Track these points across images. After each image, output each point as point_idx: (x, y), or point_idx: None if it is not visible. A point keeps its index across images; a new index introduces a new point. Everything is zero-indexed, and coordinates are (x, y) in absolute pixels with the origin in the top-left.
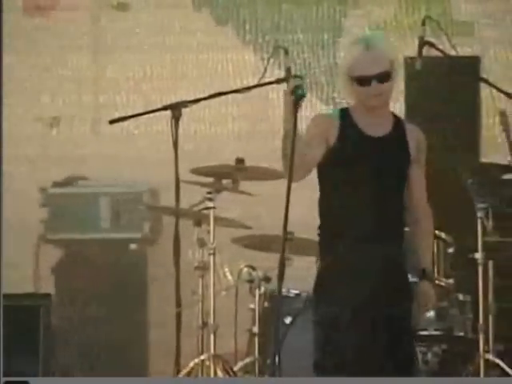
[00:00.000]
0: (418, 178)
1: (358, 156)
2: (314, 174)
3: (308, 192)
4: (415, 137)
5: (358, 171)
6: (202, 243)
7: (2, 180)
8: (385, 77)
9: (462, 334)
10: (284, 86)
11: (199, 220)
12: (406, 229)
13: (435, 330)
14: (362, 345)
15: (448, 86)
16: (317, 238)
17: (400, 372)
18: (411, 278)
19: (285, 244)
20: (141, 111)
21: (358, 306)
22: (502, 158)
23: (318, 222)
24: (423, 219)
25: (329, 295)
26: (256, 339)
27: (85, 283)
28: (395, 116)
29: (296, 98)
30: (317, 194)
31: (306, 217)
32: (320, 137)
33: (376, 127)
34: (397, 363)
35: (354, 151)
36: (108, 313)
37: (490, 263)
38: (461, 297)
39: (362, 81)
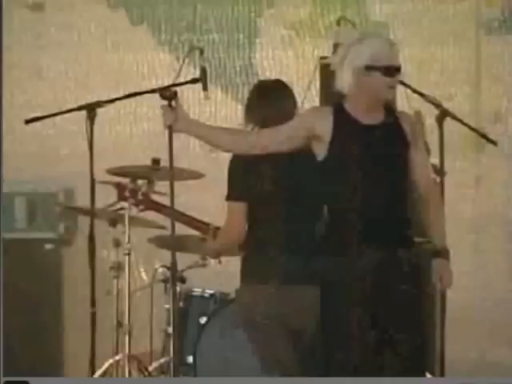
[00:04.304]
0: (418, 160)
1: (356, 145)
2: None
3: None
4: (408, 121)
5: (359, 160)
6: (117, 243)
7: (2, 180)
8: (399, 70)
9: None
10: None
11: (114, 220)
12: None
13: None
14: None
15: None
16: None
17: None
18: None
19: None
20: (56, 110)
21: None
22: None
23: None
24: (430, 199)
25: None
26: (171, 339)
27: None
28: (385, 104)
29: None
30: None
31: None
32: (301, 128)
33: (370, 116)
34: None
35: (352, 141)
36: (23, 313)
37: None
38: None
39: (390, 71)
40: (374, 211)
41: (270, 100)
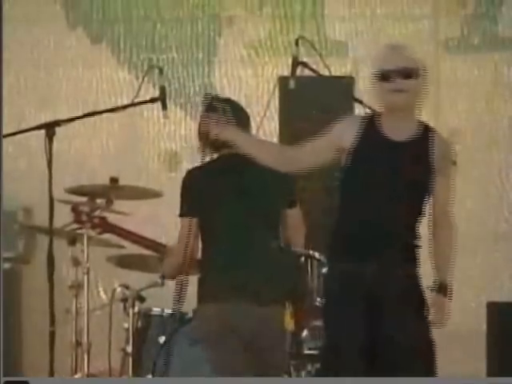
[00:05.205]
0: (440, 188)
1: (374, 158)
2: None
3: None
4: (440, 145)
5: (374, 173)
6: (75, 262)
7: (2, 182)
8: (407, 73)
9: None
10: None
11: (73, 239)
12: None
13: (309, 348)
14: None
15: (322, 105)
16: None
17: None
18: None
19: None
20: (14, 126)
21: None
22: None
23: None
24: (443, 231)
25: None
26: (130, 358)
27: None
28: (422, 122)
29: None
30: None
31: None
32: (329, 141)
33: (399, 131)
34: None
35: (371, 153)
36: None
37: None
38: None
39: (384, 75)
40: (377, 225)
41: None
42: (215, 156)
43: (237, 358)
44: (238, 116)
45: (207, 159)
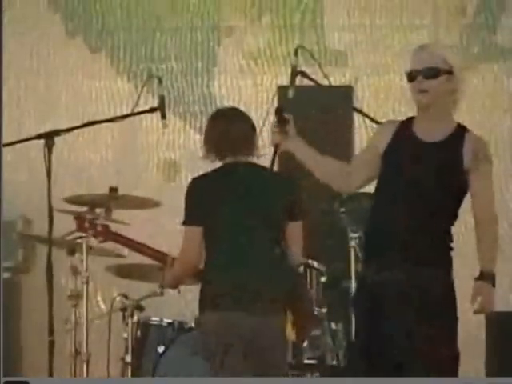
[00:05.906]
0: (478, 187)
1: (403, 159)
2: None
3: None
4: (472, 145)
5: (402, 174)
6: (75, 272)
7: (2, 182)
8: (432, 73)
9: (334, 362)
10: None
11: (73, 249)
12: None
13: (308, 358)
14: None
15: (321, 115)
16: None
17: None
18: None
19: None
20: (13, 136)
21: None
22: (373, 187)
23: None
24: (485, 225)
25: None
26: (129, 368)
27: None
28: (459, 125)
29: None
30: None
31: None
32: (372, 151)
33: (431, 133)
34: None
35: (401, 154)
36: None
37: None
38: (333, 325)
39: (410, 76)
40: (406, 227)
41: (226, 127)
42: (219, 164)
43: (238, 362)
44: (242, 126)
45: (210, 168)
